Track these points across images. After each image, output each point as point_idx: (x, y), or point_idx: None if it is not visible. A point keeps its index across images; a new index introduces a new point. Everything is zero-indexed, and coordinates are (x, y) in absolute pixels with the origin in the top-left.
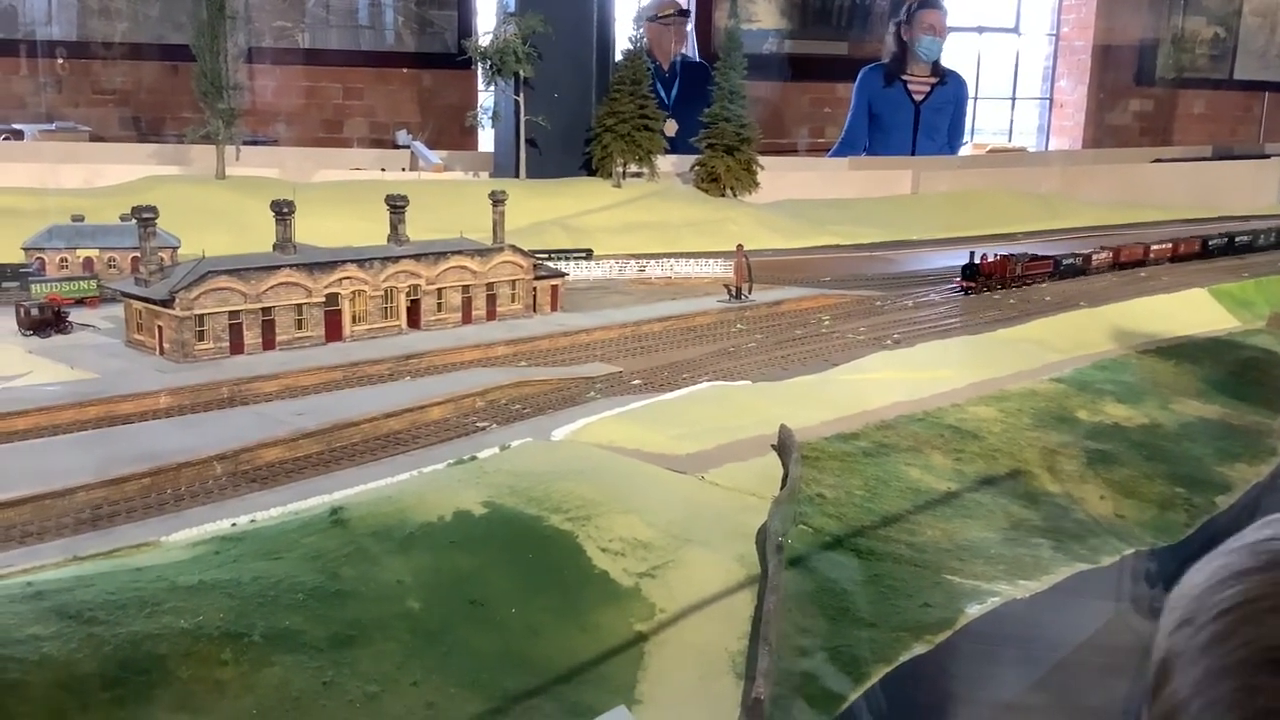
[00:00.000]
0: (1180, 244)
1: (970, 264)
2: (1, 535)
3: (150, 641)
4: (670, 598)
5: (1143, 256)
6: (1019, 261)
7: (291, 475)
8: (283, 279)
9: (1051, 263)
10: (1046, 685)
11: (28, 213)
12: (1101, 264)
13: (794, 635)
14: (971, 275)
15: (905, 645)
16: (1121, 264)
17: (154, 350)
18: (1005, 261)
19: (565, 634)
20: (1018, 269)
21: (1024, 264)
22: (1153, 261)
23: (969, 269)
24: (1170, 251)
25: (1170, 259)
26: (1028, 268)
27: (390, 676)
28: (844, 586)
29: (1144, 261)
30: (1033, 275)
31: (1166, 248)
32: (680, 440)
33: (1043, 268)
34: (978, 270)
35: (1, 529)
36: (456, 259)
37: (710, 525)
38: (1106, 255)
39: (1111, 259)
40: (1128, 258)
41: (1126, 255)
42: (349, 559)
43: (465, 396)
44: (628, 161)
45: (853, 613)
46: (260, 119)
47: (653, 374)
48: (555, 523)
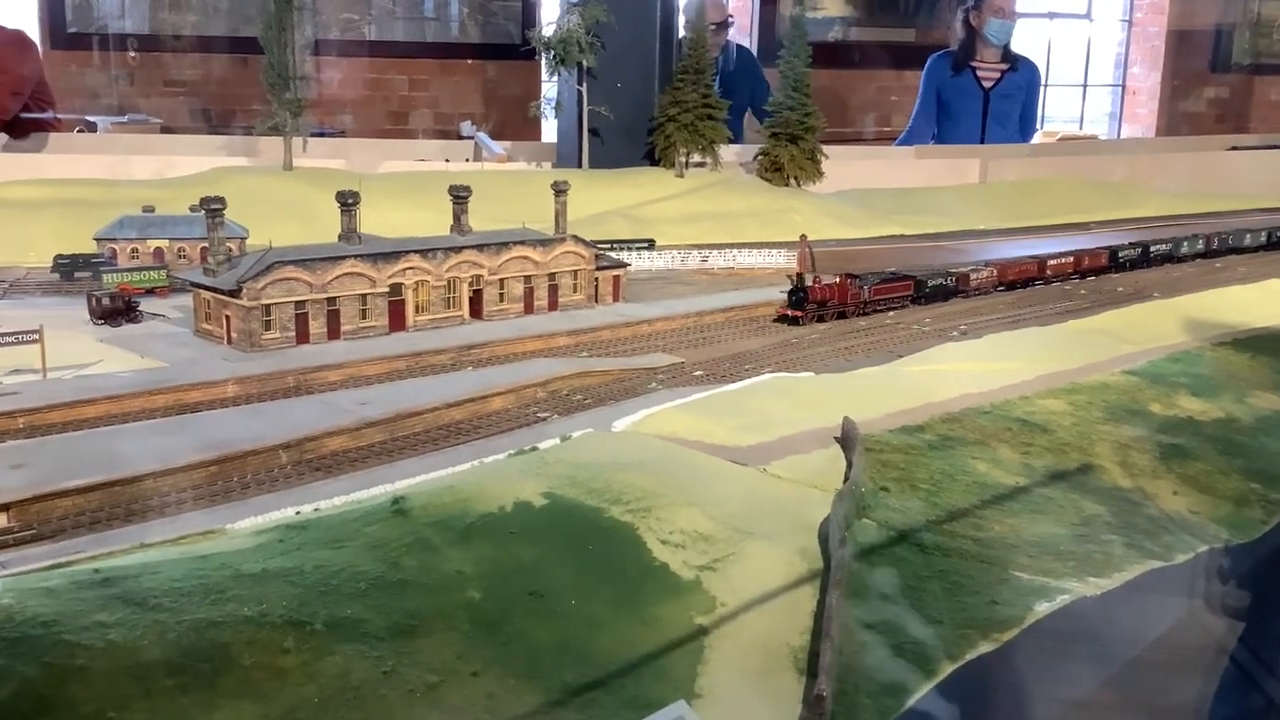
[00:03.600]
0: (1085, 257)
1: (798, 287)
2: (72, 521)
3: (214, 629)
4: (731, 591)
5: (1036, 274)
6: (866, 283)
7: (355, 464)
8: (347, 269)
9: (912, 284)
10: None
11: (100, 203)
12: (983, 283)
13: (857, 631)
14: (798, 302)
15: (972, 643)
16: (1010, 283)
17: (222, 340)
18: (844, 284)
19: (625, 627)
20: (864, 292)
21: (873, 287)
22: (1052, 278)
23: (795, 293)
24: (1072, 266)
25: (1075, 274)
26: (880, 291)
27: (450, 667)
28: (908, 582)
29: (1039, 279)
30: (886, 300)
31: (1067, 262)
32: (742, 432)
33: (900, 290)
34: (805, 296)
35: (72, 515)
36: (519, 249)
37: (772, 518)
38: (989, 273)
39: (996, 277)
40: (1017, 276)
41: (1016, 273)
42: (410, 549)
43: (526, 387)
44: (690, 151)
45: (918, 609)
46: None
47: (715, 365)
48: (616, 514)
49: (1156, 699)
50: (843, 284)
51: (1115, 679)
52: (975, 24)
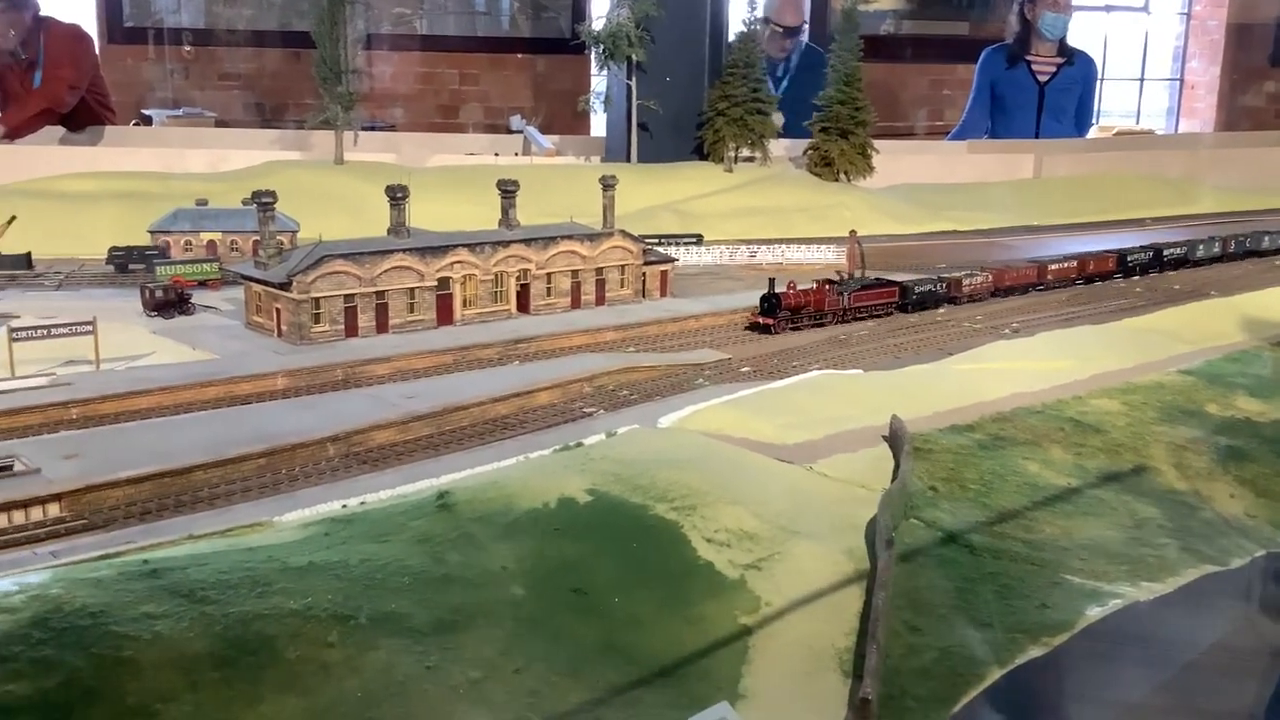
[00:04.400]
0: (1090, 262)
1: (769, 294)
2: (123, 512)
3: (260, 621)
4: (776, 591)
5: (1035, 280)
6: (846, 290)
7: (401, 458)
8: (396, 263)
9: (897, 291)
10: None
11: (155, 196)
12: (978, 290)
13: (904, 633)
14: (770, 309)
15: (1021, 647)
16: (1006, 289)
17: (272, 332)
18: (821, 291)
19: (669, 625)
20: (844, 299)
21: (854, 293)
22: (1053, 284)
23: (767, 301)
24: (1075, 271)
25: (1079, 279)
26: (861, 298)
27: (493, 663)
28: (957, 584)
29: (1039, 284)
30: (868, 308)
31: (1069, 268)
32: (789, 429)
33: (884, 297)
34: (778, 303)
35: (123, 505)
36: (566, 244)
37: (818, 517)
38: (984, 279)
39: (992, 283)
40: (1014, 282)
41: (1013, 279)
42: (454, 544)
43: (573, 382)
44: (739, 145)
45: (966, 612)
46: (378, 105)
47: (762, 361)
48: (660, 512)
49: (1210, 704)
50: (819, 291)
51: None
52: (1030, 17)
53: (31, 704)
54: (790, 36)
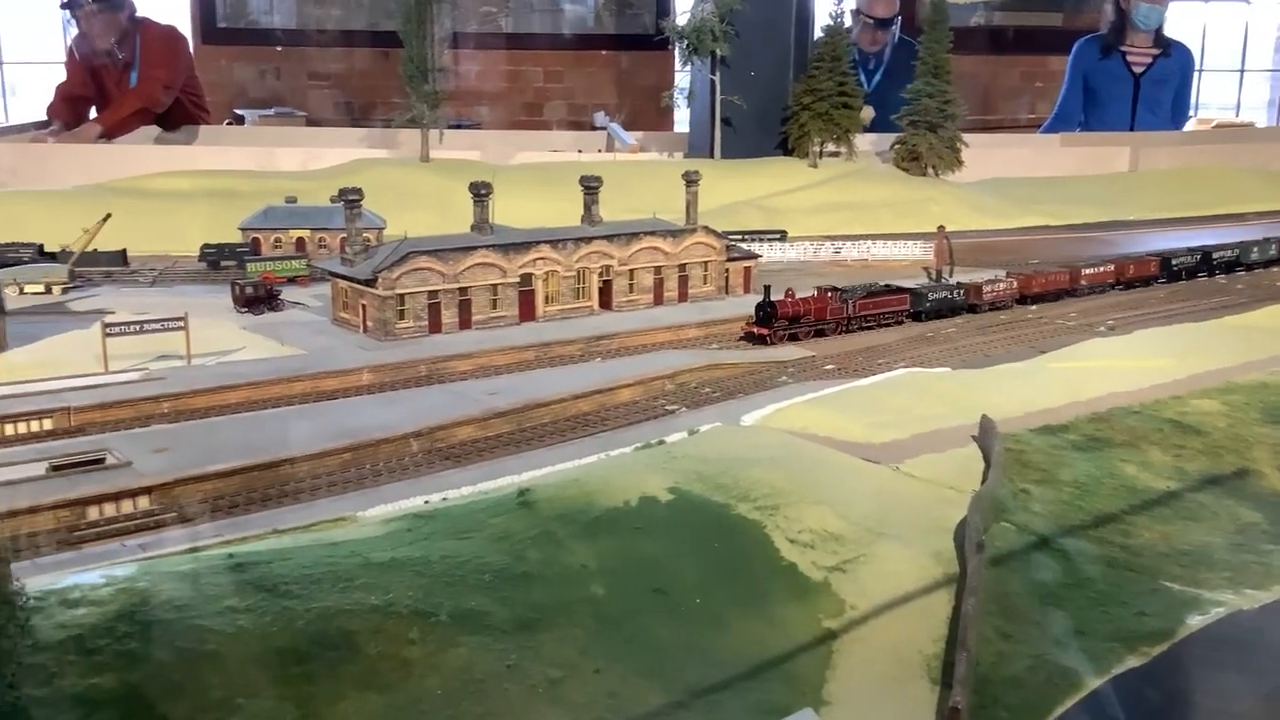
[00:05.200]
0: (1129, 266)
1: (765, 302)
2: (210, 505)
3: (341, 617)
4: (862, 594)
5: (1067, 286)
6: (850, 298)
7: (483, 454)
8: (479, 259)
9: (908, 298)
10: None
11: (246, 194)
12: (1000, 296)
13: (995, 640)
14: (765, 319)
15: (1118, 656)
16: (1035, 296)
17: (358, 328)
18: (823, 299)
19: (751, 627)
20: (847, 308)
21: (858, 301)
22: (1087, 290)
23: (762, 309)
24: (1113, 276)
25: (1117, 285)
26: (866, 306)
27: (572, 662)
28: (1050, 590)
29: (1070, 291)
30: (875, 317)
31: (1105, 272)
32: (875, 428)
33: (892, 305)
34: (773, 312)
35: (210, 499)
36: (649, 240)
37: (905, 519)
38: (1009, 285)
39: (1017, 289)
40: (1042, 288)
41: (1041, 285)
42: (535, 541)
43: (655, 379)
44: (825, 140)
45: (1060, 619)
46: (464, 103)
47: (847, 358)
48: (743, 511)
49: None
50: (820, 299)
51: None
52: (1125, 7)
53: (116, 697)
54: (883, 29)
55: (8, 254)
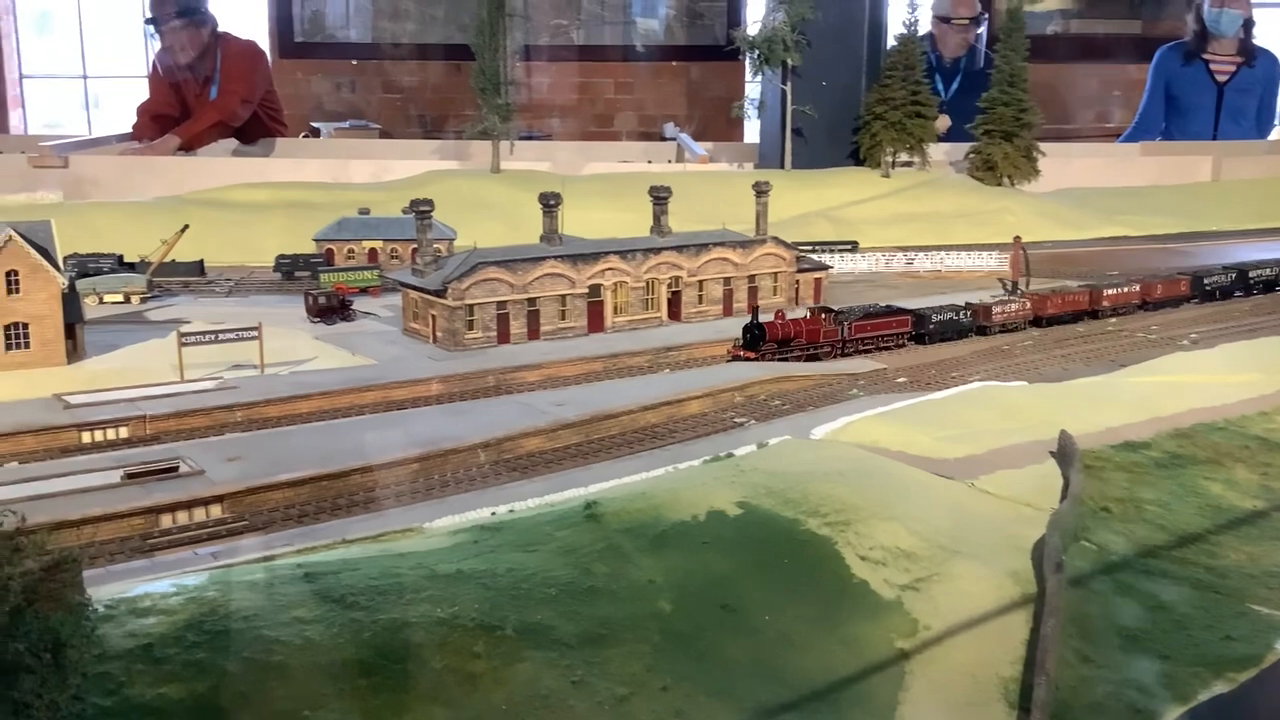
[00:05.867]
0: (1157, 286)
1: (753, 324)
2: (281, 514)
3: (407, 630)
4: (936, 614)
5: (1087, 307)
6: (846, 320)
7: (550, 465)
8: (548, 270)
9: (909, 320)
10: None
11: (320, 206)
12: (1012, 318)
13: (1075, 664)
14: (753, 341)
15: (1204, 682)
16: (1050, 318)
17: (428, 338)
18: (816, 321)
19: (821, 646)
20: (842, 330)
21: (854, 323)
22: (1109, 312)
23: (750, 331)
24: (1139, 297)
25: (1145, 306)
26: (863, 328)
27: (639, 679)
28: (1132, 612)
29: (1091, 312)
30: (873, 339)
31: (1130, 293)
32: (948, 443)
33: (892, 327)
34: (762, 335)
35: (281, 508)
36: (718, 251)
37: (981, 537)
38: (1021, 306)
39: (1031, 310)
40: (1059, 309)
41: (1057, 306)
42: (601, 555)
43: (723, 391)
44: (898, 150)
45: (1142, 642)
46: (535, 115)
47: (919, 371)
48: (813, 527)
49: None
50: (813, 320)
51: None
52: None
53: (184, 707)
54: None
55: (88, 264)
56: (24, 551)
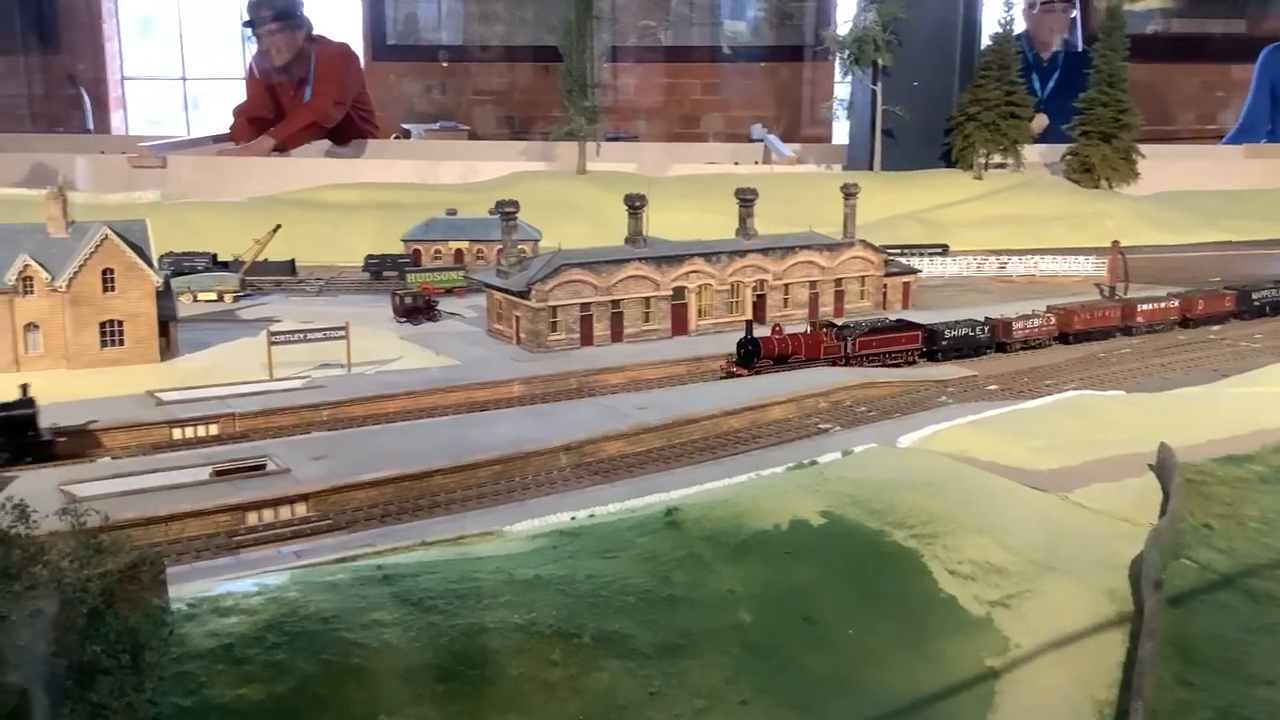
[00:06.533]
0: (1198, 301)
1: (747, 339)
2: (364, 514)
3: (484, 635)
4: (1027, 631)
5: (1118, 323)
6: (850, 335)
7: (631, 470)
8: (632, 272)
9: (920, 336)
10: None
11: (409, 206)
12: (1035, 334)
13: (1174, 687)
14: (747, 358)
15: None
16: (1077, 334)
17: (511, 340)
18: (816, 336)
19: (906, 662)
20: (846, 345)
21: (859, 339)
22: (1143, 328)
23: (745, 347)
24: (1178, 313)
25: (1185, 322)
26: (868, 344)
27: (718, 691)
28: (1235, 634)
29: (1123, 328)
30: (880, 355)
31: (1168, 308)
32: (1042, 454)
33: (901, 343)
34: (757, 350)
35: (364, 508)
36: (804, 254)
37: (1075, 552)
38: (1044, 321)
39: (1055, 326)
40: (1086, 325)
41: (1085, 321)
42: (681, 563)
43: (808, 396)
44: (991, 152)
45: (1245, 666)
46: (621, 116)
47: (1011, 379)
48: (899, 539)
49: None
50: (813, 335)
51: None
52: None
53: (262, 708)
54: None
55: (183, 262)
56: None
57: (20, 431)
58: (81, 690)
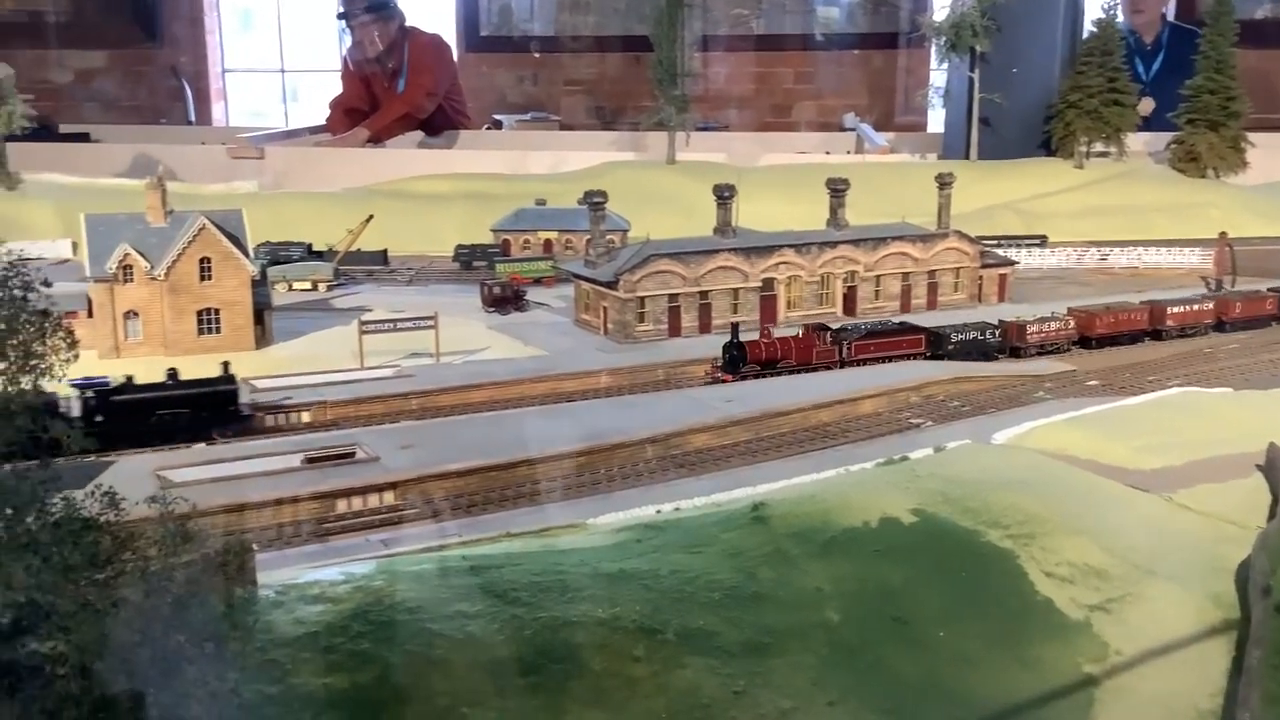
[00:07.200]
0: (1234, 304)
1: (733, 342)
2: (450, 504)
3: (568, 629)
4: (1128, 637)
5: (1146, 326)
6: (848, 339)
7: (718, 463)
8: (721, 263)
9: (922, 339)
10: None
11: (499, 197)
12: (1051, 338)
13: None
14: (732, 363)
15: None
16: (1100, 338)
17: (598, 330)
18: (809, 339)
19: (1000, 667)
20: (842, 350)
21: (856, 343)
22: (1174, 332)
23: (730, 351)
24: (1212, 315)
25: (1219, 326)
26: (866, 348)
27: (805, 692)
28: None
29: (1152, 332)
30: (878, 360)
31: (1201, 310)
32: (1144, 453)
33: (901, 348)
34: (743, 355)
35: (450, 497)
36: (897, 245)
37: (1179, 555)
38: (1062, 325)
39: (1075, 330)
40: (1110, 329)
41: (1108, 325)
42: (767, 560)
43: (900, 390)
44: (1093, 140)
45: None
46: (712, 105)
47: (1112, 374)
48: (993, 539)
49: None
50: (806, 339)
51: None
52: None
53: (346, 698)
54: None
55: (279, 252)
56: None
57: (223, 406)
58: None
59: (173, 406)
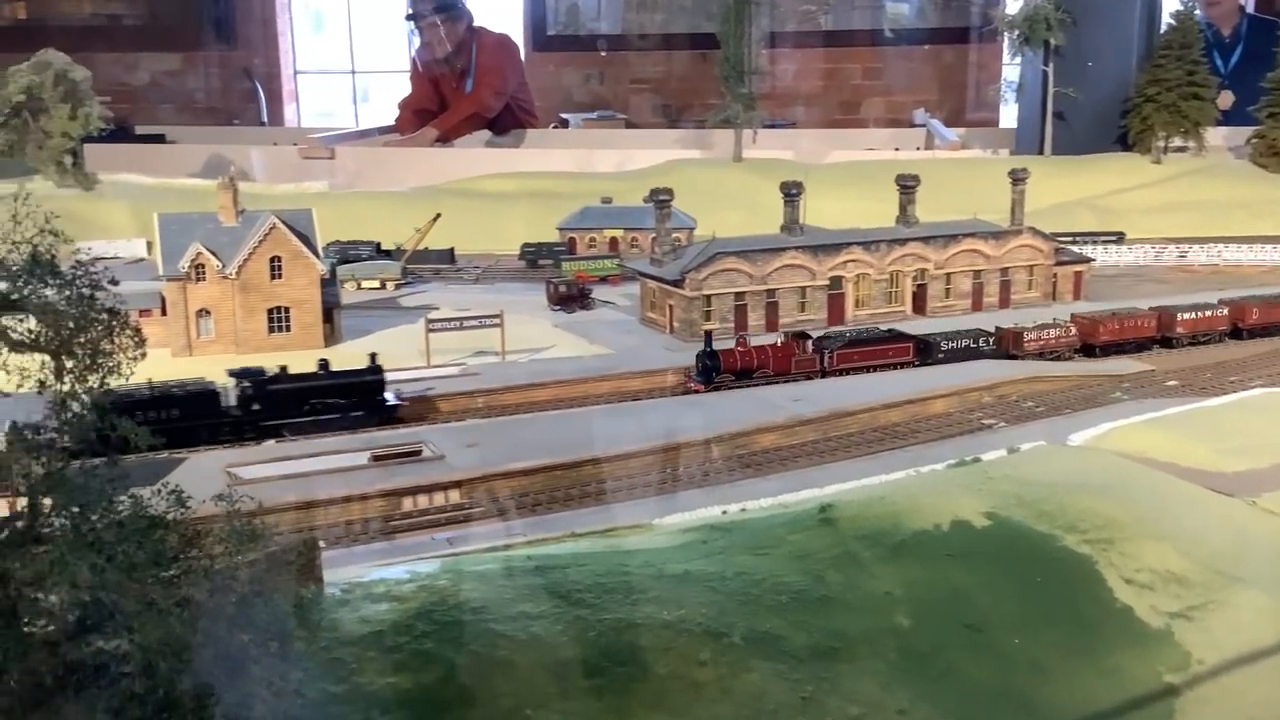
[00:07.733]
0: (1251, 309)
1: (707, 351)
2: (515, 503)
3: (632, 631)
4: (1211, 646)
5: (1153, 333)
6: (830, 348)
7: (785, 463)
8: (788, 260)
9: (911, 347)
10: None
11: (565, 195)
12: (1051, 344)
13: None
14: (706, 374)
15: None
16: (1104, 345)
17: (664, 328)
18: (788, 348)
19: (1077, 676)
20: (823, 359)
21: (838, 351)
22: (1184, 339)
23: (704, 360)
24: (1226, 321)
25: (1235, 333)
26: (848, 356)
27: (874, 699)
28: None
29: (1160, 339)
30: (862, 369)
31: (1215, 317)
32: (1227, 455)
33: (887, 356)
34: (716, 365)
35: (515, 496)
36: (968, 242)
37: (1264, 561)
38: (1063, 332)
39: (1076, 336)
40: (1114, 336)
41: (1113, 331)
42: (836, 562)
43: (971, 390)
44: (1170, 134)
45: None
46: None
47: (1192, 374)
48: (1070, 543)
49: None
50: (785, 348)
51: None
52: None
53: (410, 698)
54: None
55: (348, 251)
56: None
57: (372, 396)
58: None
59: (325, 395)
